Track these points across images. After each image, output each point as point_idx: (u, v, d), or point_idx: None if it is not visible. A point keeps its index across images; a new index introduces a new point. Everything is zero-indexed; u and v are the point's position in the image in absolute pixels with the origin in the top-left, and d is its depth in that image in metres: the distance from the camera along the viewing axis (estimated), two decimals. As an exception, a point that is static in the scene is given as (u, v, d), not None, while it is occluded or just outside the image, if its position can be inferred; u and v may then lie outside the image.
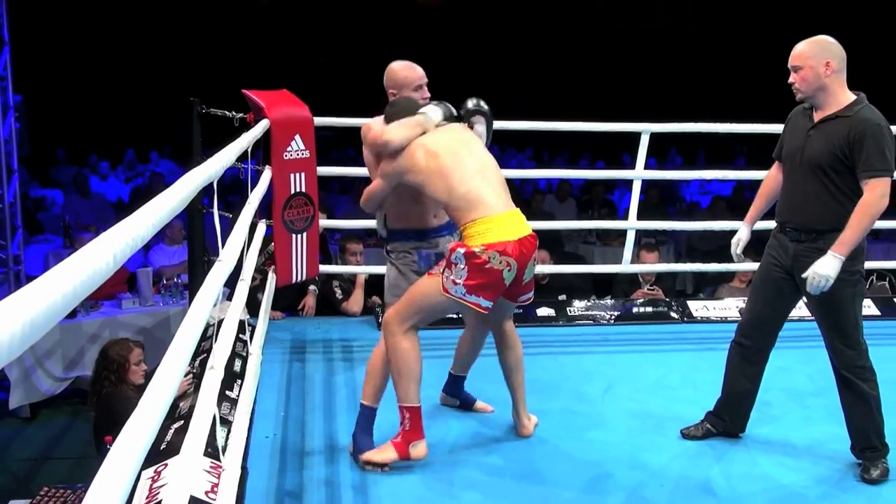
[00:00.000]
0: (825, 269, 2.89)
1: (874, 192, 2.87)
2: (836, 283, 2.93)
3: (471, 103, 3.19)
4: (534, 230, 3.00)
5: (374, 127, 3.18)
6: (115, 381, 4.08)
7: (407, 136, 3.00)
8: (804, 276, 2.97)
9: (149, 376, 4.25)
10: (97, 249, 0.94)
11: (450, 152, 2.96)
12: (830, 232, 2.95)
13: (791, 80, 3.01)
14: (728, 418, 3.39)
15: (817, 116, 3.01)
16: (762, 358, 3.34)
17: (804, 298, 3.23)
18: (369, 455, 3.00)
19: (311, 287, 5.24)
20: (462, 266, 2.85)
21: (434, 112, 3.08)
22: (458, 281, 2.86)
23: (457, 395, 3.61)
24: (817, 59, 2.93)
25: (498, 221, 2.88)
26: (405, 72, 3.29)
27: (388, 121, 3.10)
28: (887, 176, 2.88)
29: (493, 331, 3.30)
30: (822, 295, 2.97)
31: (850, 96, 2.97)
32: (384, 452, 3.00)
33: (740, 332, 3.38)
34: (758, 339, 3.31)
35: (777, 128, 5.02)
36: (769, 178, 3.38)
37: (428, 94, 3.29)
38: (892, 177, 2.91)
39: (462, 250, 2.85)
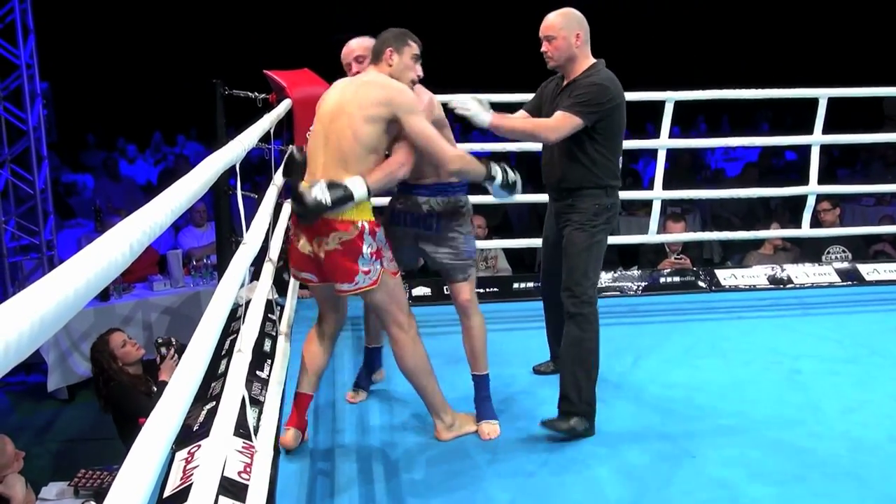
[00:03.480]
0: (476, 108, 3.05)
1: (554, 121, 3.09)
2: (572, 230, 3.18)
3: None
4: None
5: None
6: (116, 375, 4.17)
7: None
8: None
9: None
10: (112, 240, 0.95)
11: (318, 117, 2.90)
12: (578, 190, 3.19)
13: (543, 49, 3.20)
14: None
15: (564, 83, 3.24)
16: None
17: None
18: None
19: None
20: None
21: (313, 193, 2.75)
22: None
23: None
24: (569, 31, 3.15)
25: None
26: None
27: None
28: (571, 114, 3.06)
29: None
30: (563, 240, 3.22)
31: (590, 62, 3.19)
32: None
33: (541, 290, 3.64)
34: (552, 289, 3.38)
35: (803, 91, 5.00)
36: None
37: (355, 71, 3.20)
38: (579, 119, 3.06)
39: None
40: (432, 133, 2.81)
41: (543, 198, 3.62)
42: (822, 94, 4.91)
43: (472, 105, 3.04)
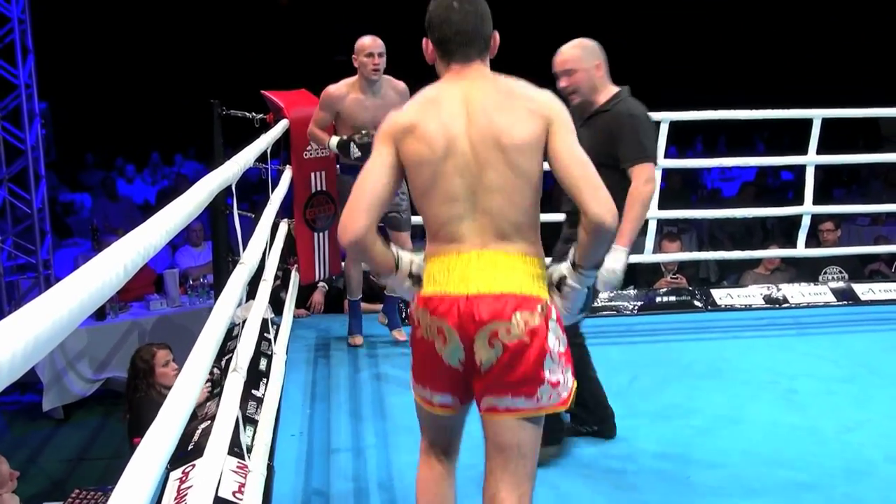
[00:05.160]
0: (612, 263, 2.81)
1: (638, 179, 2.89)
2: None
3: None
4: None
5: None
6: (145, 388, 4.13)
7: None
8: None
9: None
10: (106, 261, 0.95)
11: (445, 151, 1.86)
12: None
13: (563, 84, 2.99)
14: (582, 413, 3.18)
15: (585, 115, 3.04)
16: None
17: None
18: None
19: (321, 284, 5.20)
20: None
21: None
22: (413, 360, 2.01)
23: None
24: (589, 62, 2.99)
25: (455, 264, 1.86)
26: (361, 40, 4.04)
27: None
28: (647, 161, 2.91)
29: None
30: None
31: (612, 90, 3.03)
32: None
33: None
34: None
35: (797, 112, 5.03)
36: None
37: (377, 62, 3.98)
38: (653, 162, 2.94)
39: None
40: (589, 162, 1.92)
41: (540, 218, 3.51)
42: (817, 114, 4.94)
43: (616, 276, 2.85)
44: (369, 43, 4.02)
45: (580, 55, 3.00)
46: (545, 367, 1.83)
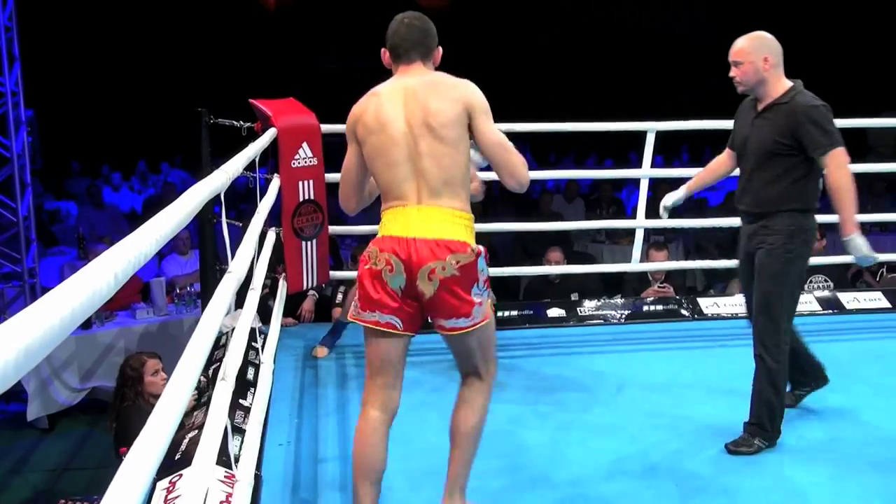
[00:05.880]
0: (856, 251, 3.19)
1: (831, 166, 3.09)
2: (766, 254, 3.19)
3: None
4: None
5: None
6: (133, 397, 4.11)
7: None
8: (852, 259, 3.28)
9: None
10: (97, 270, 0.95)
11: (382, 128, 2.41)
12: (776, 213, 3.20)
13: (732, 74, 3.23)
14: (799, 377, 3.56)
15: (760, 106, 3.24)
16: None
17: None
18: None
19: (311, 292, 5.19)
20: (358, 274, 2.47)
21: None
22: (356, 297, 2.46)
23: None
24: (757, 55, 3.17)
25: (399, 215, 2.37)
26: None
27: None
28: (836, 146, 3.09)
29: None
30: (757, 266, 3.22)
31: (787, 84, 3.19)
32: None
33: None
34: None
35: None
36: (718, 160, 3.69)
37: None
38: (841, 145, 3.09)
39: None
40: (506, 140, 2.46)
41: (526, 226, 3.49)
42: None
43: (867, 258, 3.23)
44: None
45: (748, 48, 3.19)
46: (473, 292, 2.36)
